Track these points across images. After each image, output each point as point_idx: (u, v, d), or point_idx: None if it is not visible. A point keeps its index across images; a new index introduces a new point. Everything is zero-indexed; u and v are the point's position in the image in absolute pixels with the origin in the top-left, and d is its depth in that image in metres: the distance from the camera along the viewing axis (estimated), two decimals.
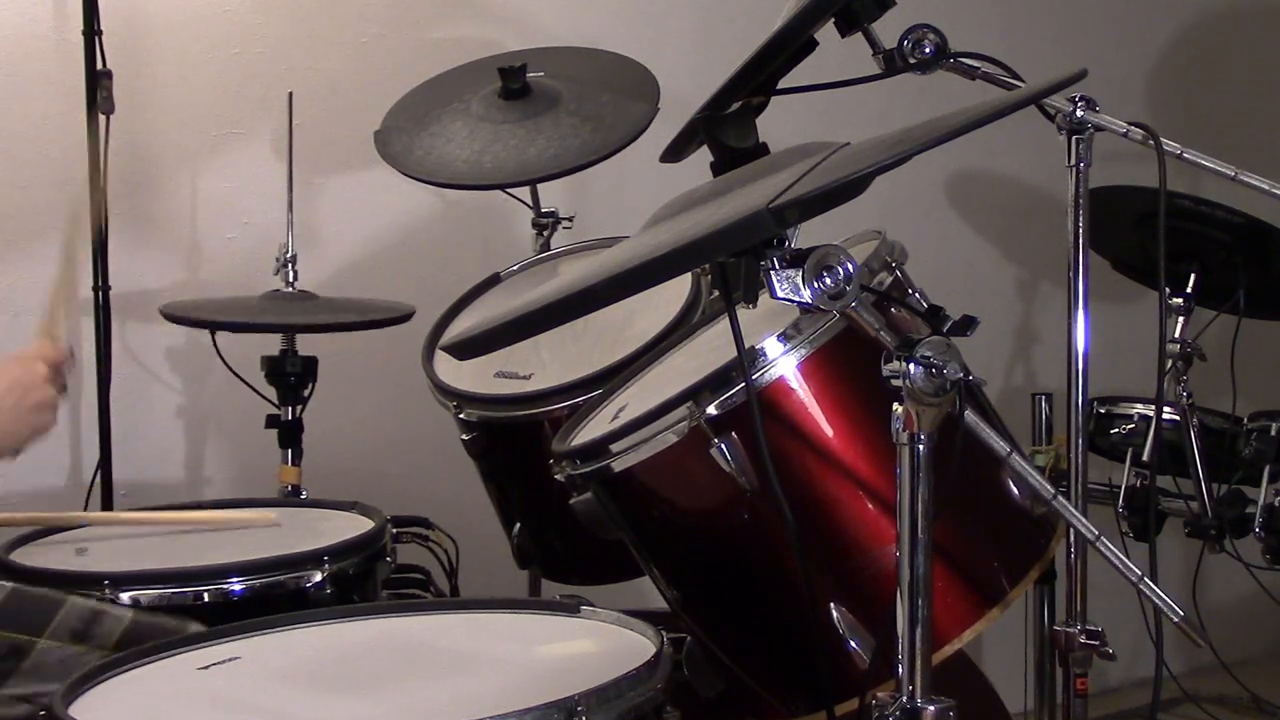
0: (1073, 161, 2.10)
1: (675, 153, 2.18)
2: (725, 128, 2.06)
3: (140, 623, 1.89)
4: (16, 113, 2.96)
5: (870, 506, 1.82)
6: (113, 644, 1.87)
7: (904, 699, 1.47)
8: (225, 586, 2.05)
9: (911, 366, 1.42)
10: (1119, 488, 2.92)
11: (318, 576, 2.10)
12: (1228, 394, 3.11)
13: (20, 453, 2.01)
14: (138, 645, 1.81)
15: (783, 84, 2.09)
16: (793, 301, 1.39)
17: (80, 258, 2.70)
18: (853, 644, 1.82)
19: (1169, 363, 2.89)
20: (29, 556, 2.18)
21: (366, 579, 2.20)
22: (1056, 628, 2.16)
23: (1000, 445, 1.62)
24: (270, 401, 2.79)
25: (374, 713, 1.58)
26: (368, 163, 2.79)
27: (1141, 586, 1.63)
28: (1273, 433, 2.87)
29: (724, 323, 1.83)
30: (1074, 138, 2.10)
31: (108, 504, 2.89)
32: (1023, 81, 2.11)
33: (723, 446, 1.78)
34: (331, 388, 2.87)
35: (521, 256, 2.85)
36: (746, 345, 1.68)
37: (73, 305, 2.67)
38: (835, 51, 2.06)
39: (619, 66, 2.86)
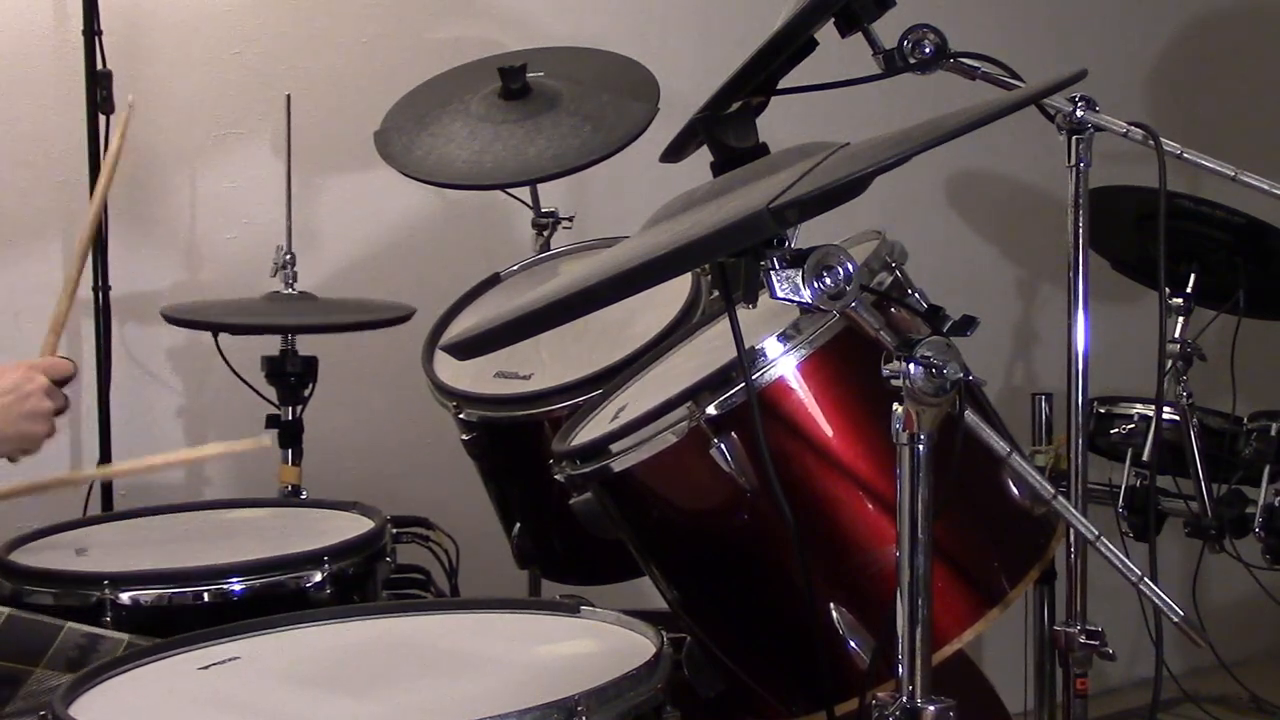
0: (1073, 161, 2.10)
1: (675, 153, 2.17)
2: (725, 128, 2.05)
3: (137, 646, 1.87)
4: (17, 113, 2.96)
5: (870, 506, 1.82)
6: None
7: (904, 699, 1.47)
8: (225, 586, 2.05)
9: (911, 366, 1.42)
10: (1119, 488, 2.92)
11: (318, 576, 2.10)
12: (1228, 394, 3.11)
13: (11, 460, 1.98)
14: None
15: (783, 84, 2.08)
16: (793, 301, 1.39)
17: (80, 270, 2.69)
18: (853, 644, 1.81)
19: (1169, 363, 2.89)
20: (29, 557, 2.18)
21: (366, 579, 2.20)
22: (1056, 628, 2.16)
23: (1000, 445, 1.62)
24: (270, 401, 2.79)
25: (374, 713, 1.58)
26: (368, 163, 2.79)
27: (1141, 586, 1.63)
28: (1273, 433, 2.87)
29: (724, 323, 1.82)
30: (1074, 138, 2.10)
31: (108, 504, 2.89)
32: (1023, 81, 2.11)
33: (722, 446, 1.78)
34: (331, 388, 2.87)
35: (521, 256, 2.84)
36: (746, 345, 1.68)
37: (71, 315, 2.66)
38: (835, 51, 2.06)
39: (619, 66, 2.86)
